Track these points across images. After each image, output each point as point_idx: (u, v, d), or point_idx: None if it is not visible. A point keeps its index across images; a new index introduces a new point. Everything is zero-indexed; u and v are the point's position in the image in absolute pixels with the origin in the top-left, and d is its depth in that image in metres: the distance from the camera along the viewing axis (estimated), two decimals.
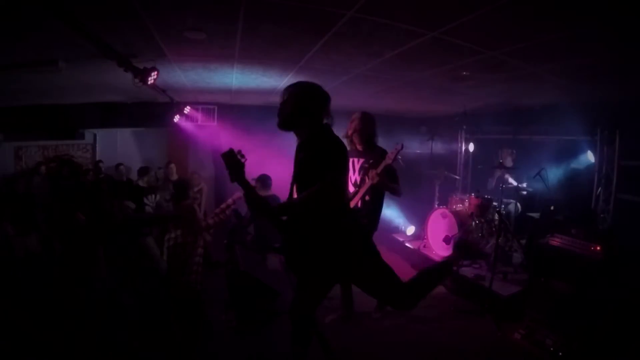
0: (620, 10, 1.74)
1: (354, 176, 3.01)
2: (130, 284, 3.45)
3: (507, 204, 4.77)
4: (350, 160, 2.95)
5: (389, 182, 2.88)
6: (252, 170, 5.08)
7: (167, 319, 3.12)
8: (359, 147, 3.00)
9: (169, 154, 6.88)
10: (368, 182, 2.85)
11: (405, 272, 4.59)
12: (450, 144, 6.60)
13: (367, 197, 2.90)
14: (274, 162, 4.79)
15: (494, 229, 4.32)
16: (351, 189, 3.00)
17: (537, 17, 1.90)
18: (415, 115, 7.05)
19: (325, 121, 1.93)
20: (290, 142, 2.02)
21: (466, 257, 4.37)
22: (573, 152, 4.66)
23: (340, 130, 2.46)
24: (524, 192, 4.80)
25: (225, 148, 1.80)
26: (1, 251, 3.48)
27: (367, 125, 2.96)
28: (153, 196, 5.09)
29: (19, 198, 4.17)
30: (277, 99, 1.95)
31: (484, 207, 4.58)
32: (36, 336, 2.66)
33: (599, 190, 4.35)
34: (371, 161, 2.91)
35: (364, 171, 2.94)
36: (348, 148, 2.56)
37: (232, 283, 3.45)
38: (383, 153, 2.88)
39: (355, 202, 2.91)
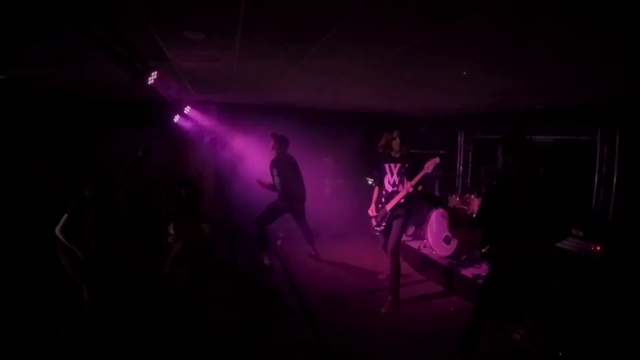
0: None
1: (392, 178, 3.64)
2: None
3: None
4: (387, 165, 3.66)
5: (424, 189, 3.48)
6: (253, 168, 5.16)
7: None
8: (396, 155, 3.60)
9: (169, 154, 6.85)
10: (404, 190, 3.44)
11: (405, 271, 4.59)
12: (451, 143, 6.60)
13: (402, 200, 3.53)
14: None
15: None
16: (389, 188, 3.65)
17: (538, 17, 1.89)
18: (415, 114, 7.04)
19: None
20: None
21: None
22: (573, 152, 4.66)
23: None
24: None
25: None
26: None
27: (405, 139, 3.57)
28: None
29: None
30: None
31: None
32: None
33: (599, 190, 4.35)
34: (407, 165, 3.50)
35: (402, 175, 3.54)
36: (384, 154, 3.64)
37: (232, 282, 3.46)
38: (417, 160, 3.49)
39: (395, 202, 3.55)
